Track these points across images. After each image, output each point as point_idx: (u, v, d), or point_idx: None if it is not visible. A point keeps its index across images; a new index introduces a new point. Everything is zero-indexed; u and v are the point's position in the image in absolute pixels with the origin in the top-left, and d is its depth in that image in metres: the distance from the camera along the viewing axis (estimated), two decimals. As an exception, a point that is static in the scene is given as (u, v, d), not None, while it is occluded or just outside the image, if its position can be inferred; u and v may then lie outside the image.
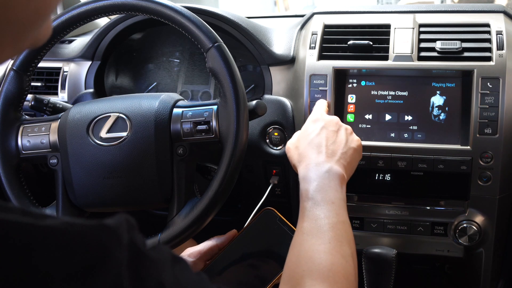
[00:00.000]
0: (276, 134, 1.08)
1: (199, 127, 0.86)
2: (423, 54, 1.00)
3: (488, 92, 0.94)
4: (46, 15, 0.37)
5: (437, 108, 0.99)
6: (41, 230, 0.31)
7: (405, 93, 1.01)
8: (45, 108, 1.00)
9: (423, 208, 1.00)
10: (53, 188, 0.93)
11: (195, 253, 0.83)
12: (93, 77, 1.20)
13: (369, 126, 1.01)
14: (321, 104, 0.95)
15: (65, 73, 1.22)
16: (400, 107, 1.00)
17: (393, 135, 1.00)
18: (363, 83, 1.03)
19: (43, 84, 1.24)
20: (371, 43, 1.03)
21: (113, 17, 1.20)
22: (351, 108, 1.02)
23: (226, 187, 0.84)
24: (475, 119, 0.94)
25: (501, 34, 0.99)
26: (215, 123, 0.86)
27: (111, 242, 0.34)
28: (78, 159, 0.88)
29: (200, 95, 1.25)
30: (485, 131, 0.94)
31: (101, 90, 1.22)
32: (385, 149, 0.98)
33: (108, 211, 0.94)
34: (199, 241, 0.89)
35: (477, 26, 1.03)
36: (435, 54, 1.00)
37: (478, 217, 0.98)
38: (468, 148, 0.95)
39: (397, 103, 1.01)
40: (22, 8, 0.34)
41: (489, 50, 0.98)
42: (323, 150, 0.79)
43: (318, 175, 0.75)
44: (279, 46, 1.13)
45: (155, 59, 1.29)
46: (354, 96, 1.03)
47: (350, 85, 1.03)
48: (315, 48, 1.05)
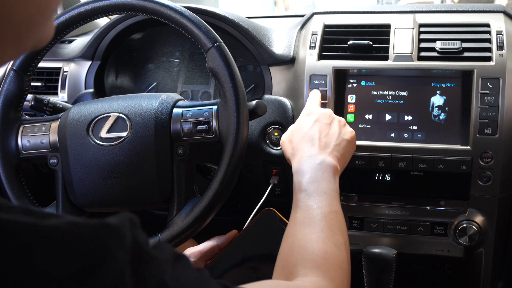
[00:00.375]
0: (276, 134, 1.08)
1: (199, 127, 0.86)
2: (423, 54, 1.00)
3: (488, 92, 0.94)
4: (48, 15, 0.37)
5: (437, 108, 0.99)
6: (43, 229, 0.31)
7: (405, 93, 1.01)
8: (45, 108, 1.00)
9: (423, 208, 1.00)
10: (53, 188, 0.93)
11: (195, 253, 0.83)
12: (93, 77, 1.20)
13: (369, 126, 1.01)
14: (315, 96, 0.96)
15: (65, 73, 1.22)
16: (400, 107, 1.00)
17: (393, 135, 1.00)
18: (363, 83, 1.03)
19: (43, 84, 1.24)
20: (371, 43, 1.03)
21: (113, 17, 1.20)
22: (351, 108, 1.02)
23: (226, 187, 0.84)
24: (475, 119, 0.94)
25: (501, 34, 0.99)
26: (215, 123, 0.86)
27: (113, 242, 0.34)
28: (78, 159, 0.88)
29: (200, 95, 1.25)
30: (485, 131, 0.94)
31: (101, 90, 1.22)
32: (385, 149, 0.98)
33: (108, 211, 0.94)
34: (199, 241, 0.90)
35: (477, 26, 1.03)
36: (435, 54, 1.00)
37: (478, 217, 0.98)
38: (468, 148, 0.95)
39: (397, 103, 1.01)
40: (23, 8, 0.34)
41: (489, 50, 0.98)
42: (316, 142, 0.80)
43: (311, 168, 0.75)
44: (279, 46, 1.13)
45: (155, 59, 1.29)
46: (354, 96, 1.03)
47: (350, 85, 1.03)
48: (315, 48, 1.05)
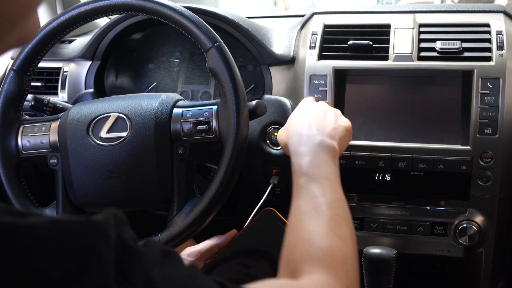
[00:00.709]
0: (276, 134, 1.08)
1: (199, 127, 0.86)
2: (423, 54, 1.00)
3: (488, 92, 0.94)
4: (30, 10, 0.36)
5: (437, 108, 0.99)
6: (23, 229, 0.30)
7: (405, 93, 1.01)
8: (45, 108, 1.00)
9: (423, 208, 1.00)
10: (53, 188, 0.93)
11: (195, 252, 0.83)
12: (93, 77, 1.20)
13: (369, 126, 1.01)
14: (309, 97, 0.98)
15: (65, 73, 1.22)
16: (400, 107, 1.00)
17: (393, 135, 1.00)
18: (363, 83, 1.03)
19: (43, 84, 1.24)
20: (371, 43, 1.03)
21: (113, 17, 1.20)
22: (351, 108, 1.02)
23: (226, 187, 0.84)
24: (475, 119, 0.94)
25: (501, 34, 0.99)
26: (215, 123, 0.86)
27: (97, 239, 0.33)
28: (78, 159, 0.88)
29: (200, 95, 1.25)
30: (485, 131, 0.94)
31: (101, 90, 1.22)
32: (385, 149, 0.98)
33: (108, 211, 0.94)
34: (199, 241, 0.89)
35: (477, 26, 1.03)
36: (435, 54, 1.00)
37: (478, 217, 0.98)
38: (468, 148, 0.95)
39: (397, 103, 1.01)
40: (2, 3, 0.32)
41: (489, 50, 0.98)
42: (314, 125, 0.78)
43: (309, 149, 0.74)
44: (279, 46, 1.13)
45: (155, 59, 1.29)
46: (354, 96, 1.03)
47: (350, 85, 1.03)
48: (315, 48, 1.05)
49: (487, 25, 1.02)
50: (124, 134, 0.87)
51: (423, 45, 1.01)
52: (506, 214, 1.01)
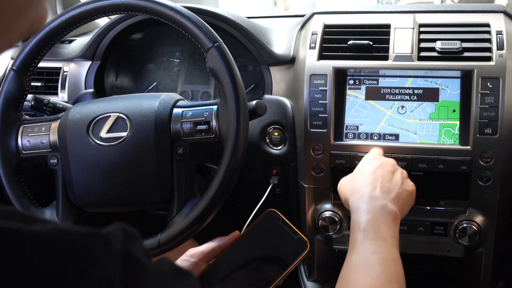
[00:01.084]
0: (276, 134, 1.08)
1: (199, 127, 0.86)
2: (423, 54, 1.00)
3: (488, 92, 0.94)
4: None
5: (437, 108, 0.99)
6: (27, 236, 0.30)
7: (405, 93, 1.00)
8: (45, 108, 1.00)
9: (423, 208, 1.00)
10: (53, 188, 0.93)
11: (197, 253, 0.83)
12: (93, 77, 1.20)
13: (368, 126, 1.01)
14: (378, 149, 0.94)
15: (65, 73, 1.22)
16: (400, 107, 1.00)
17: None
18: (363, 83, 1.03)
19: (43, 84, 1.24)
20: (371, 43, 1.03)
21: (113, 17, 1.20)
22: (351, 108, 1.02)
23: (226, 187, 0.84)
24: (475, 119, 0.94)
25: (501, 34, 0.99)
26: (215, 123, 0.86)
27: (99, 250, 0.33)
28: (78, 159, 0.88)
29: (200, 95, 1.25)
30: (485, 131, 0.94)
31: (101, 90, 1.22)
32: (385, 149, 0.98)
33: (108, 211, 0.94)
34: (200, 242, 0.89)
35: (477, 26, 1.03)
36: (435, 54, 1.00)
37: (478, 217, 0.98)
38: (468, 148, 0.95)
39: (397, 103, 1.01)
40: None
41: (489, 50, 0.98)
42: (378, 186, 0.78)
43: (372, 209, 0.74)
44: (279, 46, 1.13)
45: (155, 59, 1.29)
46: (354, 96, 1.03)
47: (350, 85, 1.03)
48: (315, 48, 1.05)
49: (487, 25, 1.02)
50: (124, 134, 0.87)
51: (423, 45, 1.01)
52: (506, 214, 1.01)
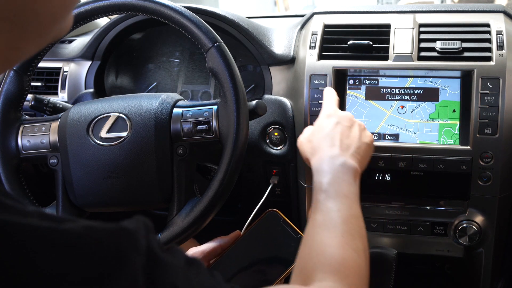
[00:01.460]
0: (276, 134, 1.08)
1: (199, 127, 0.86)
2: (423, 54, 1.00)
3: (488, 92, 0.94)
4: (71, 9, 0.38)
5: (437, 108, 0.99)
6: (60, 234, 0.31)
7: (405, 93, 1.01)
8: (45, 108, 1.00)
9: (423, 208, 1.00)
10: (53, 188, 0.93)
11: (198, 253, 0.83)
12: (93, 77, 1.20)
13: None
14: (331, 96, 0.92)
15: (65, 73, 1.22)
16: (399, 107, 1.00)
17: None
18: (363, 83, 1.03)
19: (43, 84, 1.24)
20: (371, 43, 1.03)
21: (113, 17, 1.20)
22: (351, 108, 1.02)
23: (226, 187, 0.84)
24: (475, 119, 0.94)
25: (501, 34, 0.99)
26: (215, 123, 0.86)
27: (128, 248, 0.34)
28: (78, 159, 0.88)
29: (200, 95, 1.25)
30: (485, 131, 0.94)
31: (101, 90, 1.22)
32: (385, 149, 0.98)
33: (108, 211, 0.94)
34: (201, 242, 0.89)
35: (477, 26, 1.03)
36: (435, 54, 1.00)
37: (478, 217, 0.98)
38: (468, 148, 0.95)
39: (396, 103, 1.01)
40: (49, 2, 0.34)
41: (489, 50, 0.98)
42: (337, 143, 0.79)
43: (332, 168, 0.75)
44: (279, 46, 1.13)
45: (155, 59, 1.29)
46: (354, 96, 1.03)
47: (350, 85, 1.03)
48: (315, 48, 1.05)
49: (487, 25, 1.02)
50: (124, 134, 0.87)
51: (423, 45, 1.01)
52: (506, 214, 1.01)
